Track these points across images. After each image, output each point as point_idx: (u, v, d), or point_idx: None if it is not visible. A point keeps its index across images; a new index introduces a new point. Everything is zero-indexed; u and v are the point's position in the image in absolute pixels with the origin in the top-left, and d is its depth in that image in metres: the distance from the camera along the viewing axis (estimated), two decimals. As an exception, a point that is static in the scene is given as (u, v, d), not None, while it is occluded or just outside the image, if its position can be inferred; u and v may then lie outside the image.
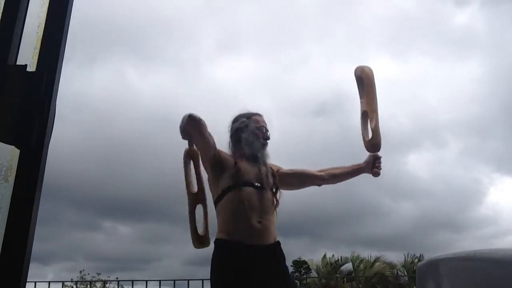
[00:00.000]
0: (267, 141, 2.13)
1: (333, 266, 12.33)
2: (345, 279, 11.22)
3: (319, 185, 2.24)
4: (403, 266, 11.89)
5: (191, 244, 1.98)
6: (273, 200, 2.02)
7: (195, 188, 2.04)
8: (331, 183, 2.25)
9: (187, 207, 2.01)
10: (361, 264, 12.06)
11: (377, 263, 11.88)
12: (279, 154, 2.28)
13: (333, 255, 12.72)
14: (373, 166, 2.17)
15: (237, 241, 1.88)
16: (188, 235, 1.99)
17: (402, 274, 11.66)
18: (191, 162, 2.06)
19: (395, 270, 12.12)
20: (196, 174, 2.06)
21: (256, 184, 1.97)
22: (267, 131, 2.16)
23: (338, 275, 11.96)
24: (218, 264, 1.90)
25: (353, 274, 11.90)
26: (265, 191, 1.99)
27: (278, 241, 2.00)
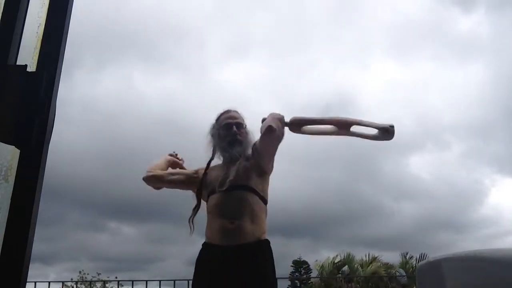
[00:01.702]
0: (238, 136, 2.08)
1: (336, 266, 12.34)
2: (343, 279, 11.22)
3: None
4: (400, 266, 11.90)
5: (193, 244, 2.06)
6: (249, 198, 1.95)
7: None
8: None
9: (187, 207, 2.12)
10: (357, 265, 12.09)
11: (373, 263, 11.89)
12: (283, 155, 2.24)
13: (336, 255, 12.76)
14: None
15: (209, 243, 1.95)
16: (191, 236, 2.06)
17: (400, 275, 11.64)
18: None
19: (393, 271, 12.12)
20: None
21: (222, 188, 1.98)
22: (233, 125, 2.09)
23: (339, 275, 11.96)
24: (195, 265, 1.98)
25: (350, 274, 11.91)
26: (235, 191, 1.96)
27: (264, 240, 1.94)
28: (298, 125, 2.03)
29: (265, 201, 2.03)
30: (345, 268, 12.45)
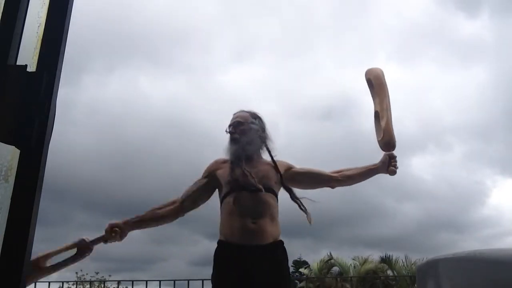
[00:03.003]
0: (233, 135, 2.11)
1: (328, 267, 12.37)
2: (338, 279, 11.24)
3: (333, 187, 2.18)
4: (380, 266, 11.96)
5: (195, 244, 2.04)
6: (270, 200, 2.00)
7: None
8: (345, 185, 2.19)
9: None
10: (351, 264, 12.14)
11: (365, 264, 11.90)
12: (286, 157, 2.25)
13: (325, 256, 12.80)
14: (388, 165, 2.12)
15: (231, 242, 1.93)
16: (194, 236, 2.06)
17: (396, 275, 11.65)
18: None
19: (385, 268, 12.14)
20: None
21: (249, 187, 1.98)
22: (232, 124, 2.14)
23: (329, 276, 11.99)
24: (214, 264, 1.96)
25: (343, 275, 11.93)
26: (260, 193, 1.98)
27: (280, 240, 1.99)
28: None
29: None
30: (336, 268, 12.48)
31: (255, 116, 2.19)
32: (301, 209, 2.09)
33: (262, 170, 2.06)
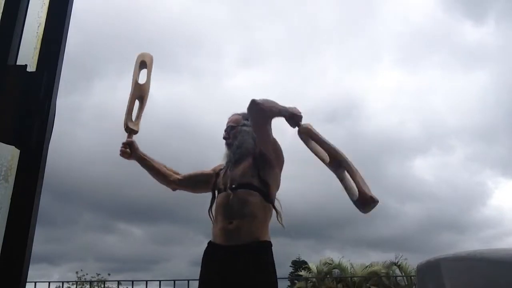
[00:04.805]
0: (226, 140, 2.18)
1: (328, 268, 12.36)
2: (335, 280, 11.24)
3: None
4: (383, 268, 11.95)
5: (198, 245, 2.08)
6: (248, 198, 1.94)
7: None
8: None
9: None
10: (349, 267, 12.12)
11: (364, 266, 11.89)
12: (289, 160, 2.21)
13: (325, 258, 12.80)
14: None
15: (212, 242, 2.00)
16: (198, 237, 2.11)
17: (397, 275, 11.62)
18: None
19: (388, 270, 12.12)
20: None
21: (225, 188, 2.02)
22: (225, 129, 2.20)
23: (328, 277, 11.98)
24: (201, 262, 2.03)
25: (343, 274, 11.93)
26: (237, 191, 1.96)
27: (262, 241, 1.91)
28: (306, 134, 1.91)
29: (270, 200, 1.99)
30: (336, 270, 12.45)
31: (247, 117, 2.14)
32: (275, 209, 2.01)
33: (241, 168, 2.04)
